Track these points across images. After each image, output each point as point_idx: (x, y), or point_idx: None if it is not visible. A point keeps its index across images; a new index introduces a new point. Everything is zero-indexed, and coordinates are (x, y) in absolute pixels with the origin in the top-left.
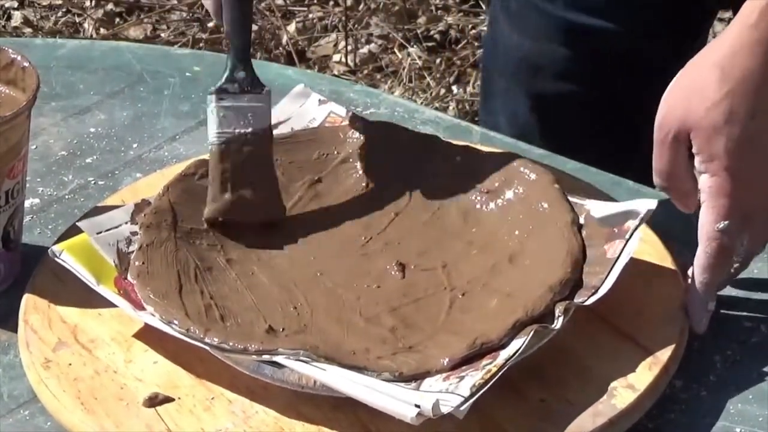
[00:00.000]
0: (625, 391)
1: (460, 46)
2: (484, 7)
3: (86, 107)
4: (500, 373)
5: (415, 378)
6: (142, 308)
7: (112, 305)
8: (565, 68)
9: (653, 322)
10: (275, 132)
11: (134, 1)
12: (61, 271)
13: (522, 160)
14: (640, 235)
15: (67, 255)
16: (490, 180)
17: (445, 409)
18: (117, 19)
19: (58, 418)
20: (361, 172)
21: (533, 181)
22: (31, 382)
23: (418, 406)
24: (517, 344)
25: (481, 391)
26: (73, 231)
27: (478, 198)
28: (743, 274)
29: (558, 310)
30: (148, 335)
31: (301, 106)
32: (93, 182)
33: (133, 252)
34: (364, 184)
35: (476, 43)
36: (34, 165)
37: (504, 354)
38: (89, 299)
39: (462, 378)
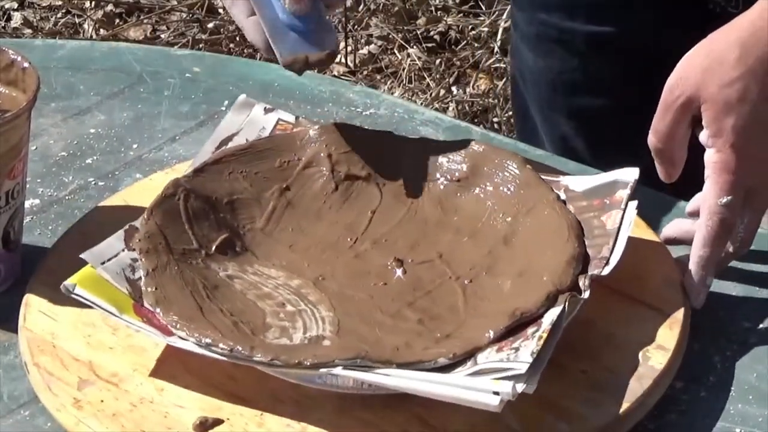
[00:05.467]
0: (657, 352)
1: (459, 47)
2: (483, 8)
3: (86, 108)
4: (554, 341)
5: (468, 357)
6: (170, 334)
7: (92, 313)
8: (597, 79)
9: (655, 286)
10: (230, 145)
11: (134, 2)
12: (61, 272)
13: (487, 145)
14: (636, 202)
15: (81, 289)
16: (457, 168)
17: (520, 387)
18: (117, 20)
19: None
20: (326, 175)
21: (504, 164)
22: (65, 425)
23: (497, 393)
24: (555, 312)
25: (544, 363)
26: (72, 232)
27: (450, 187)
28: (743, 275)
29: (582, 282)
30: (168, 365)
31: (248, 117)
32: (93, 183)
33: (139, 278)
34: (332, 187)
35: (476, 44)
36: (34, 166)
37: (547, 321)
38: (85, 304)
39: (517, 349)
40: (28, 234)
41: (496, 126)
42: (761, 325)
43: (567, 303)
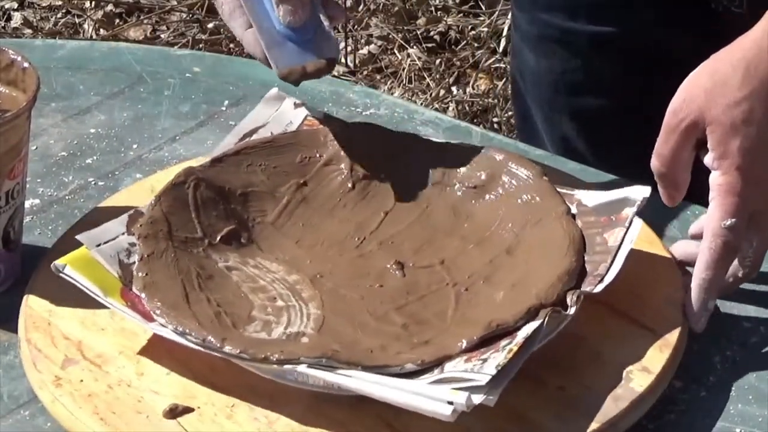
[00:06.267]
0: (641, 374)
1: (459, 47)
2: (483, 8)
3: (86, 108)
4: (525, 355)
5: (437, 364)
6: (152, 320)
7: (99, 307)
8: (599, 80)
9: (655, 305)
10: (254, 137)
11: (134, 2)
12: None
13: (507, 153)
14: (640, 222)
15: (70, 269)
16: (476, 175)
17: (477, 399)
18: (117, 20)
19: None
20: (345, 173)
21: (521, 174)
22: (44, 402)
23: (451, 403)
24: (532, 326)
25: (510, 376)
26: (72, 232)
27: (466, 193)
28: None
29: (570, 298)
30: (155, 348)
31: (277, 110)
32: (93, 183)
33: (133, 263)
34: (349, 185)
35: (476, 44)
36: (34, 166)
37: (521, 335)
38: (87, 302)
39: (485, 360)
40: (28, 234)
41: (496, 126)
42: (761, 326)
43: (547, 318)
